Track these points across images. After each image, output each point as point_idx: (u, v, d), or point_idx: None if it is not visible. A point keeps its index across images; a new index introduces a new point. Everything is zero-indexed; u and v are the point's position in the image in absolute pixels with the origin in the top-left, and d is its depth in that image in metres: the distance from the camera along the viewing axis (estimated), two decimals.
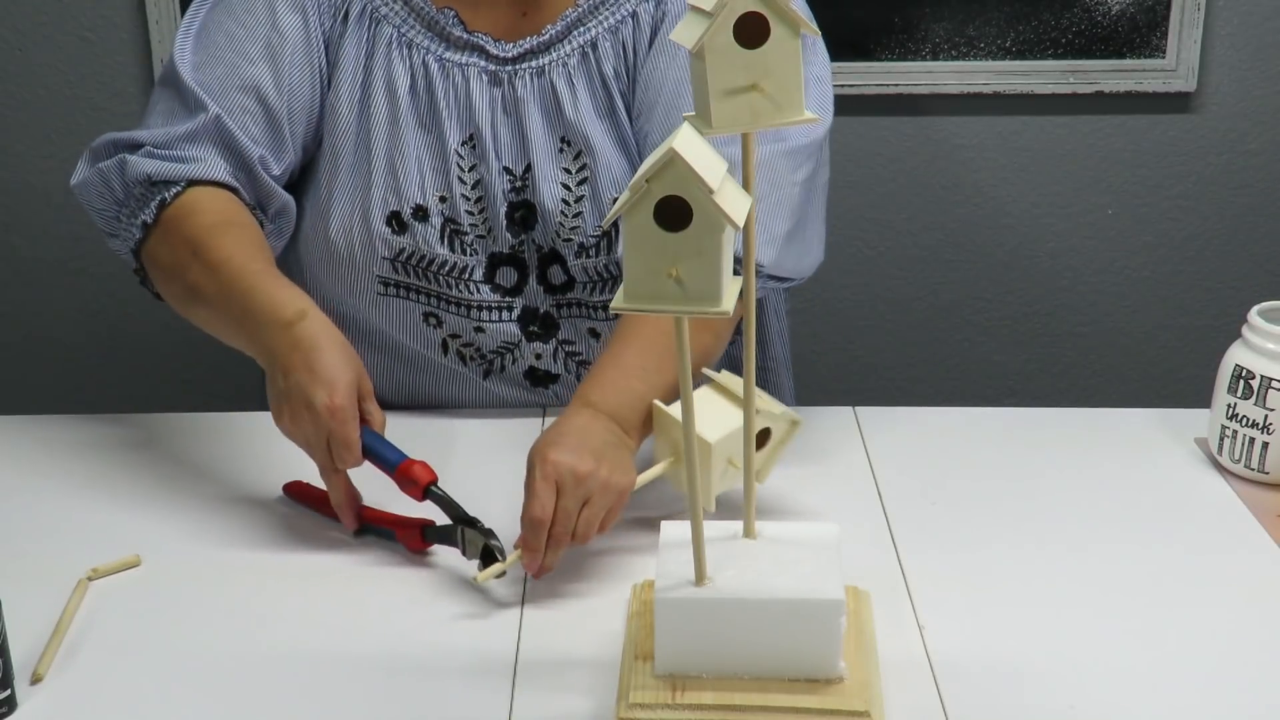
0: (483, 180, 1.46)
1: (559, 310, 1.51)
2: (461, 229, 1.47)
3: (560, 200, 1.46)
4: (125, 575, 1.25)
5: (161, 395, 2.34)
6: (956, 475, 1.40)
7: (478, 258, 1.48)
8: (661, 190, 0.92)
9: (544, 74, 1.46)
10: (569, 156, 1.46)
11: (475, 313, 1.49)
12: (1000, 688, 1.10)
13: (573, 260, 1.47)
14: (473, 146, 1.46)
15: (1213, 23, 2.14)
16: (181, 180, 1.41)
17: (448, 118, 1.46)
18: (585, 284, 1.49)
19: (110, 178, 1.42)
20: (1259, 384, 1.35)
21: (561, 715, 1.07)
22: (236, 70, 1.44)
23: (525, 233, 1.48)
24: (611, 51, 1.46)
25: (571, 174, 1.46)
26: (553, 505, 1.19)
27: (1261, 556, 1.27)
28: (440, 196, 1.46)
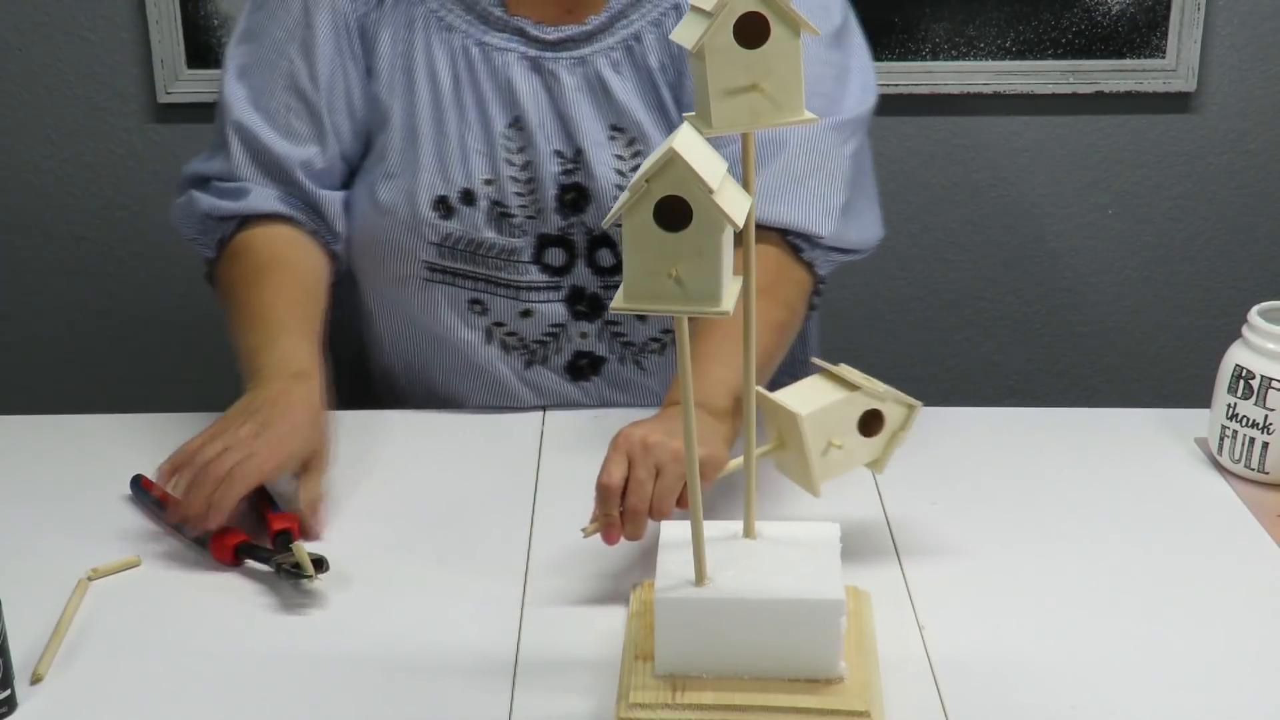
0: (532, 162, 1.47)
1: (606, 292, 1.51)
2: (509, 211, 1.47)
3: (614, 185, 1.47)
4: (125, 575, 1.25)
5: (162, 395, 2.34)
6: (956, 475, 1.40)
7: (526, 239, 1.48)
8: (661, 190, 0.92)
9: (586, 63, 1.47)
10: (621, 144, 1.47)
11: (524, 294, 1.50)
12: (1000, 688, 1.10)
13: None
14: (519, 129, 1.47)
15: (1213, 23, 2.14)
16: (235, 217, 1.47)
17: (492, 101, 1.47)
18: None
19: (183, 213, 1.51)
20: (1259, 384, 1.35)
21: (561, 715, 1.07)
22: (278, 70, 1.47)
23: (575, 215, 1.48)
24: (656, 45, 1.47)
25: (625, 160, 1.47)
26: (621, 474, 1.20)
27: (1261, 556, 1.27)
28: (486, 179, 1.47)
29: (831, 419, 1.18)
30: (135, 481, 1.36)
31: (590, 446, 1.45)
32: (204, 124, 2.17)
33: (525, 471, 1.41)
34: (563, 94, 1.47)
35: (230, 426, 1.30)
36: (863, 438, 1.20)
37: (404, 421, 1.51)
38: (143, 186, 2.23)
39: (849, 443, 1.19)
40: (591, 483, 1.39)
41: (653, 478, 1.20)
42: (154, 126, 2.19)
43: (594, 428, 1.49)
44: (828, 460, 1.19)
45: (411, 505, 1.35)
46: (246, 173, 1.48)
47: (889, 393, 1.20)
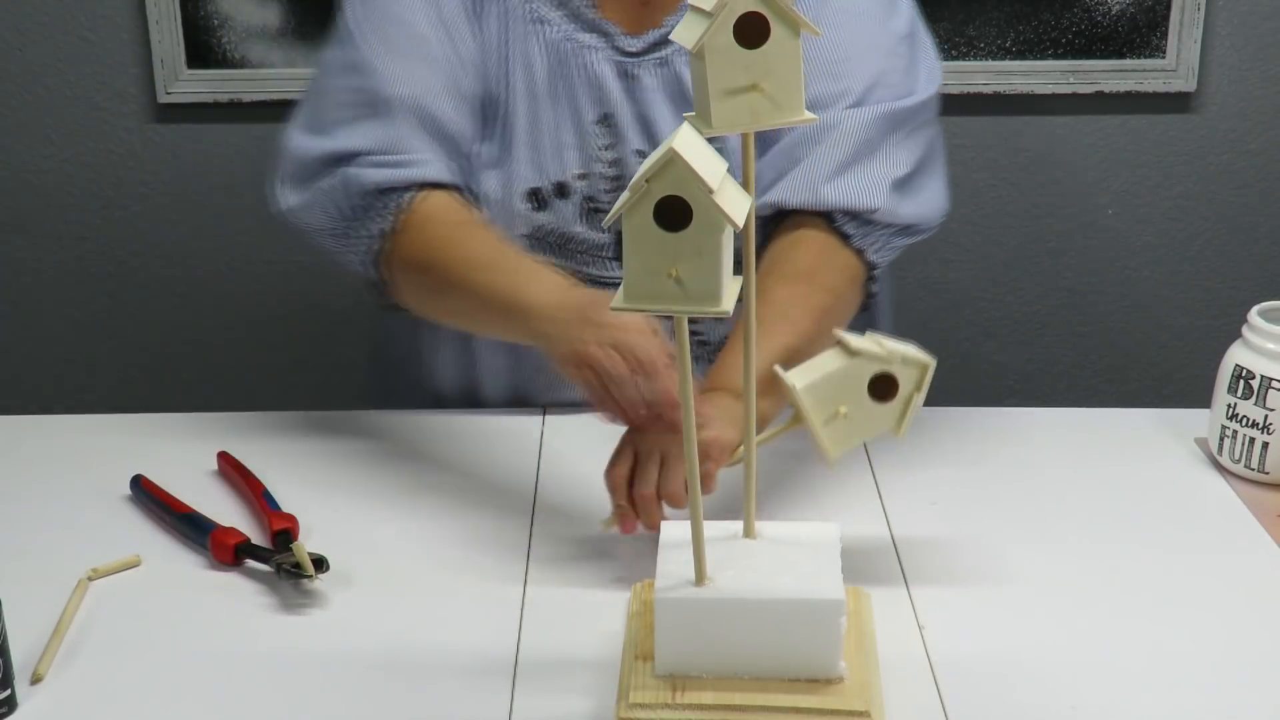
0: (620, 159, 1.48)
1: None
2: (600, 206, 1.48)
3: None
4: (125, 575, 1.25)
5: (162, 395, 2.34)
6: (956, 475, 1.40)
7: (610, 235, 1.49)
8: (661, 190, 0.92)
9: (668, 64, 1.47)
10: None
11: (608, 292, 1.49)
12: (1000, 688, 1.10)
13: None
14: (608, 125, 1.47)
15: (1213, 23, 2.14)
16: (411, 185, 1.41)
17: (583, 96, 1.47)
18: None
19: (334, 195, 1.43)
20: (1259, 384, 1.35)
21: (561, 715, 1.07)
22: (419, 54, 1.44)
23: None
24: None
25: None
26: (625, 466, 1.21)
27: (1261, 556, 1.27)
28: (579, 174, 1.47)
29: (834, 387, 1.13)
30: (135, 481, 1.36)
31: (590, 446, 1.45)
32: (204, 124, 2.18)
33: (525, 471, 1.41)
34: (644, 96, 1.47)
35: (590, 345, 1.21)
36: (877, 404, 1.14)
37: (404, 421, 1.51)
38: (143, 186, 2.23)
39: (859, 410, 1.14)
40: (592, 482, 1.39)
41: (658, 465, 1.20)
42: (154, 126, 2.19)
43: (594, 428, 1.49)
44: (835, 429, 1.14)
45: (412, 505, 1.35)
46: (416, 143, 1.43)
47: (895, 354, 1.14)
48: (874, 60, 1.47)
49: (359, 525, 1.32)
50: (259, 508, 1.31)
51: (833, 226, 1.43)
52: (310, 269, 2.27)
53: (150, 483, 1.34)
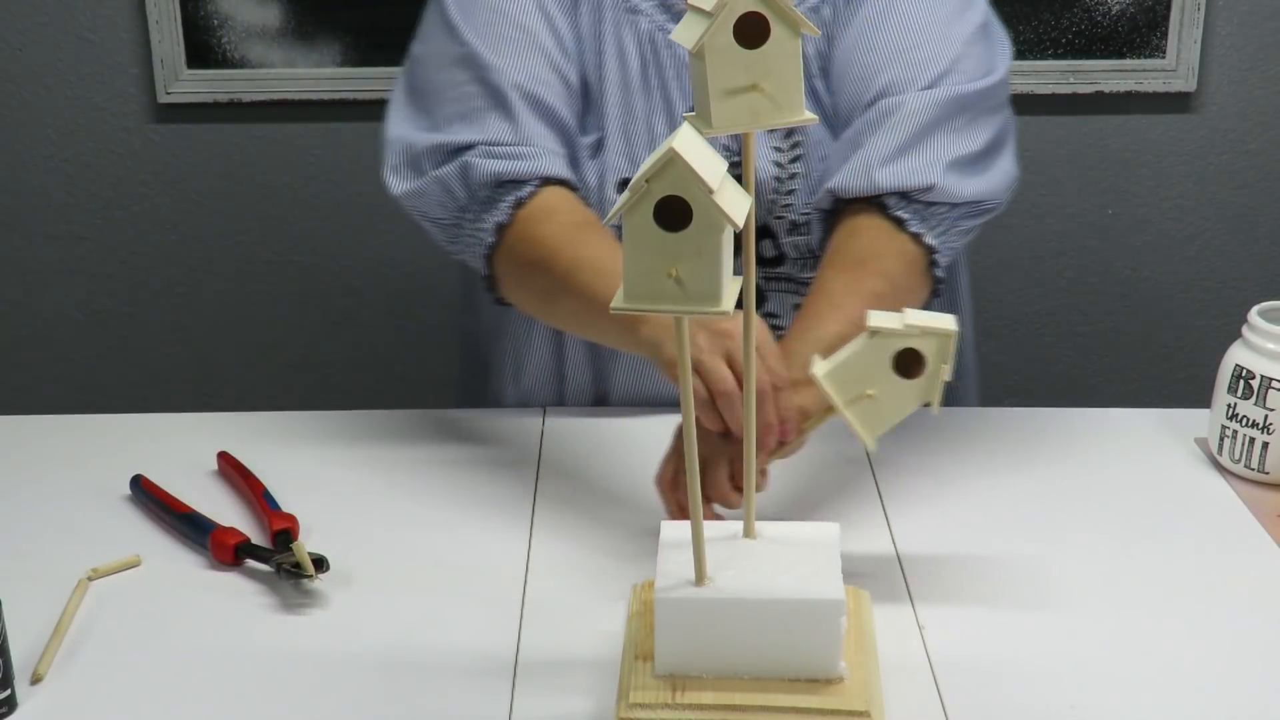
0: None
1: (768, 283, 1.50)
2: None
3: (773, 178, 1.46)
4: (125, 575, 1.25)
5: (162, 395, 2.34)
6: (956, 475, 1.40)
7: None
8: (661, 190, 0.92)
9: None
10: (779, 135, 1.47)
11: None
12: (1000, 688, 1.10)
13: (784, 237, 1.48)
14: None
15: (1213, 23, 2.14)
16: (533, 178, 1.40)
17: (674, 87, 1.47)
18: (796, 260, 1.49)
19: (451, 184, 1.41)
20: (1259, 384, 1.35)
21: (561, 715, 1.07)
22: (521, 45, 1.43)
23: None
24: (824, 34, 1.46)
25: (783, 151, 1.46)
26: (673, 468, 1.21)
27: (1261, 556, 1.27)
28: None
29: (858, 369, 1.12)
30: (135, 481, 1.36)
31: (590, 446, 1.45)
32: (204, 124, 2.18)
33: (525, 471, 1.41)
34: None
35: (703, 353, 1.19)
36: (905, 380, 1.12)
37: (404, 421, 1.51)
38: (143, 186, 2.23)
39: (887, 390, 1.12)
40: (592, 482, 1.39)
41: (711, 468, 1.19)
42: (154, 126, 2.19)
43: (594, 427, 1.49)
44: (864, 412, 1.12)
45: (411, 505, 1.35)
46: (535, 135, 1.42)
47: (915, 327, 1.10)
48: (948, 48, 1.45)
49: (359, 525, 1.32)
50: (259, 508, 1.31)
51: (887, 212, 1.40)
52: (310, 269, 2.27)
53: (150, 483, 1.34)
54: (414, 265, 2.27)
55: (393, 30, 2.11)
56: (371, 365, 2.34)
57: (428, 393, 2.31)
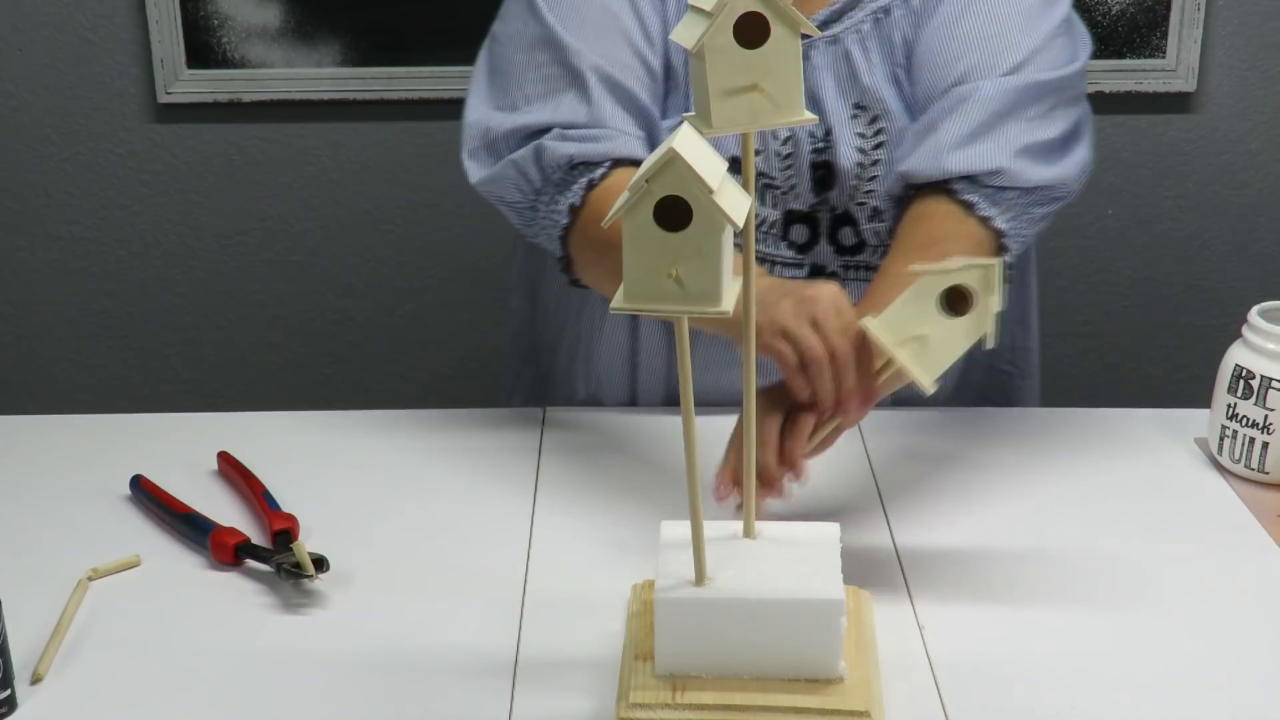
0: (793, 136, 1.47)
1: (845, 271, 1.51)
2: (773, 183, 1.47)
3: (856, 164, 1.47)
4: (125, 575, 1.25)
5: (161, 395, 2.34)
6: (956, 475, 1.40)
7: (777, 213, 1.48)
8: (661, 190, 0.92)
9: (838, 42, 1.47)
10: (863, 122, 1.47)
11: (775, 269, 1.49)
12: (1000, 688, 1.10)
13: (865, 224, 1.49)
14: None
15: (1213, 23, 2.14)
16: (605, 160, 1.39)
17: None
18: (876, 247, 1.50)
19: (526, 167, 1.41)
20: (1259, 384, 1.35)
21: (561, 715, 1.07)
22: (608, 29, 1.43)
23: (824, 192, 1.48)
24: (903, 20, 1.47)
25: (867, 138, 1.47)
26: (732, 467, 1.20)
27: (1261, 556, 1.27)
28: (755, 150, 1.45)
29: (907, 314, 1.13)
30: (135, 481, 1.36)
31: (591, 445, 1.45)
32: (204, 124, 2.18)
33: (525, 471, 1.41)
34: (812, 74, 1.47)
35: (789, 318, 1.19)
36: (955, 318, 1.13)
37: (404, 421, 1.51)
38: (143, 186, 2.23)
39: (939, 330, 1.13)
40: (592, 482, 1.39)
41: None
42: (154, 126, 2.19)
43: (594, 426, 1.49)
44: (919, 355, 1.13)
45: (411, 505, 1.35)
46: (610, 116, 1.41)
47: (952, 263, 1.13)
48: (1029, 38, 1.45)
49: (359, 525, 1.32)
50: (259, 508, 1.31)
51: (956, 196, 1.40)
52: (310, 269, 2.27)
53: (150, 483, 1.34)
54: (414, 265, 2.27)
55: (393, 30, 2.12)
56: (371, 365, 2.34)
57: (428, 393, 2.31)
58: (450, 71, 2.12)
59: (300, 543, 1.22)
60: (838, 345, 1.18)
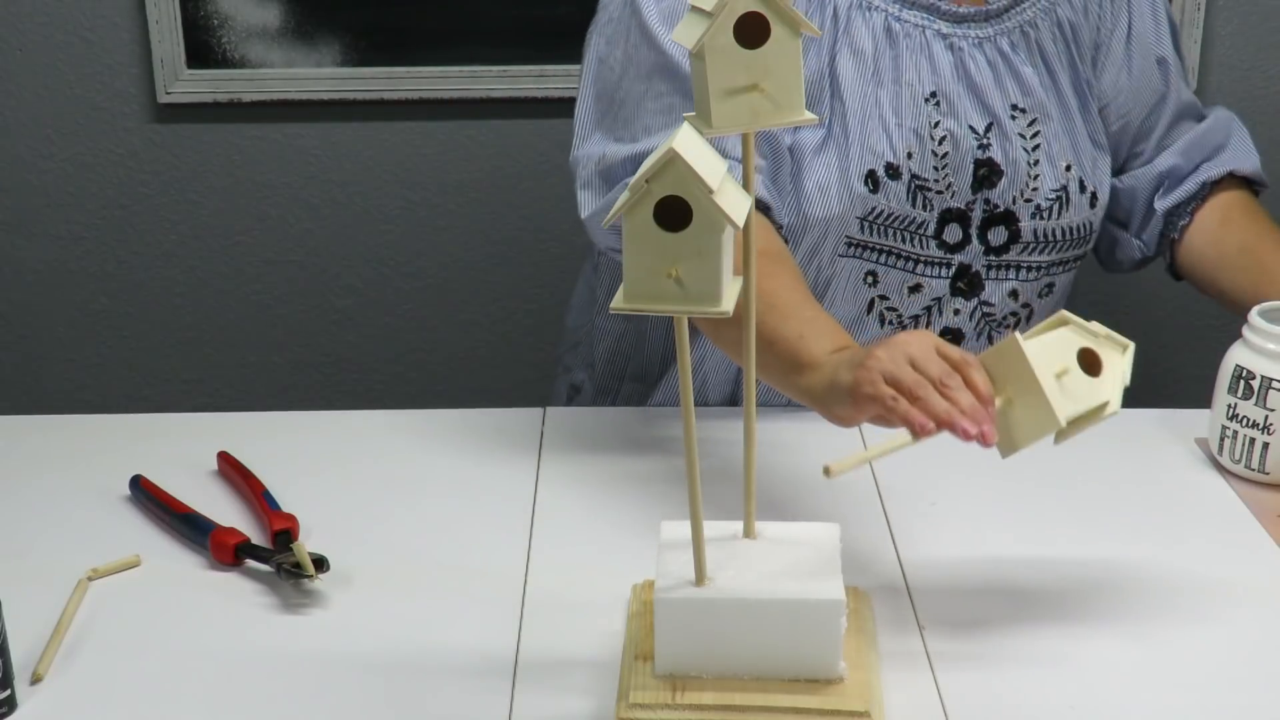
0: (950, 135, 1.48)
1: (988, 271, 1.53)
2: (927, 185, 1.48)
3: (1025, 161, 1.50)
4: (125, 575, 1.25)
5: (161, 395, 2.34)
6: (956, 475, 1.40)
7: (932, 213, 1.49)
8: (661, 190, 0.92)
9: (991, 42, 1.50)
10: (1023, 123, 1.50)
11: (919, 268, 1.50)
12: (1000, 688, 1.10)
13: (1026, 220, 1.51)
14: (937, 103, 1.48)
15: (1213, 23, 2.14)
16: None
17: (912, 74, 1.48)
18: (1029, 244, 1.52)
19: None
20: (1259, 384, 1.35)
21: (561, 715, 1.07)
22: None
23: (984, 191, 1.50)
24: (1048, 32, 1.52)
25: (1025, 139, 1.50)
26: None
27: (1261, 557, 1.28)
28: (908, 153, 1.47)
29: (1051, 350, 1.12)
30: (135, 481, 1.36)
31: (591, 445, 1.45)
32: (204, 124, 2.18)
33: (525, 471, 1.41)
34: (975, 68, 1.49)
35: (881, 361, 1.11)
36: (1088, 377, 1.14)
37: (404, 421, 1.51)
38: (143, 186, 2.23)
39: (1075, 378, 1.13)
40: (592, 482, 1.39)
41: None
42: (154, 126, 2.19)
43: (594, 427, 1.49)
44: (1063, 388, 1.11)
45: (411, 505, 1.35)
46: (734, 146, 1.40)
47: (1101, 330, 1.17)
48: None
49: (359, 525, 1.32)
50: (259, 508, 1.31)
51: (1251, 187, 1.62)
52: (310, 269, 2.27)
53: (150, 483, 1.34)
54: (414, 265, 2.27)
55: (393, 30, 2.12)
56: (372, 365, 2.34)
57: (428, 393, 2.31)
58: (450, 71, 2.12)
59: (300, 543, 1.22)
60: (937, 371, 1.09)
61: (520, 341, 2.31)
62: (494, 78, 2.10)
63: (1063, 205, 1.52)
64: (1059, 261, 1.56)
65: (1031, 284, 1.56)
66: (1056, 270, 1.57)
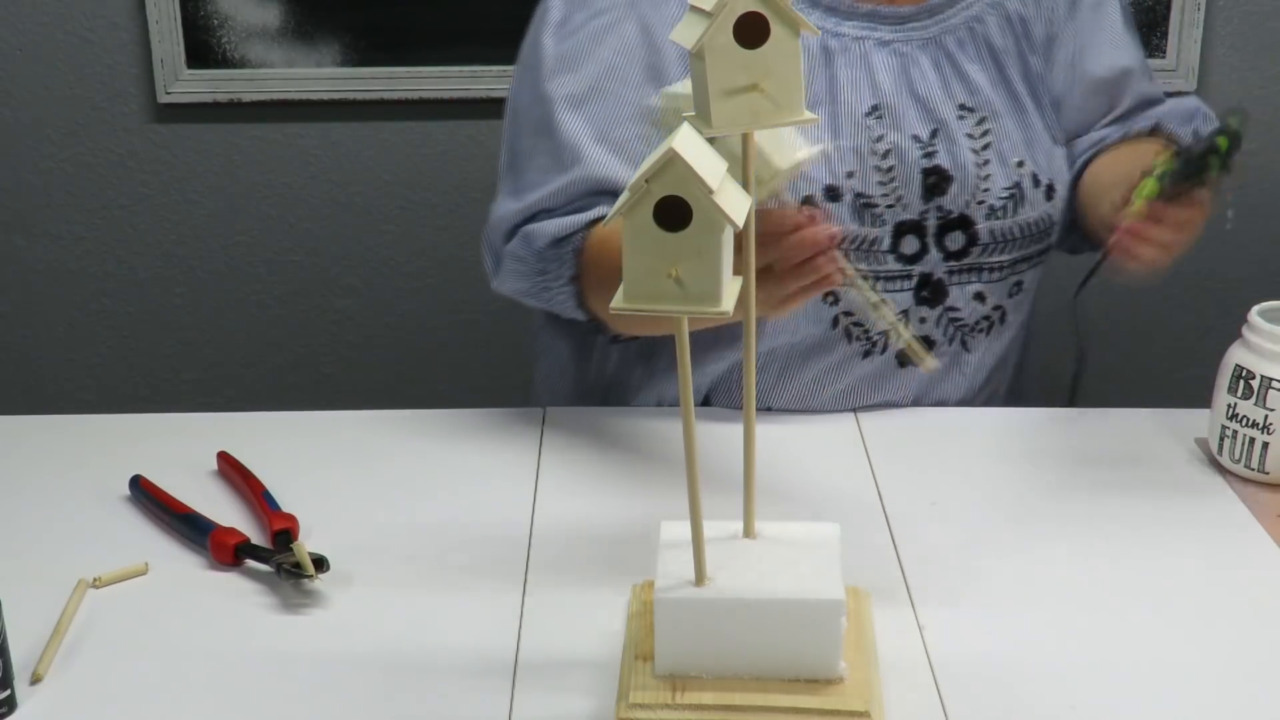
0: (894, 149, 1.46)
1: (951, 276, 1.51)
2: (872, 201, 1.46)
3: (975, 164, 1.48)
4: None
5: (162, 395, 2.34)
6: (956, 475, 1.40)
7: (885, 228, 1.47)
8: (661, 190, 0.92)
9: (937, 42, 1.48)
10: (970, 122, 1.48)
11: (881, 283, 1.49)
12: (1000, 688, 1.10)
13: (982, 222, 1.49)
14: (879, 116, 1.46)
15: (1213, 23, 2.14)
16: (586, 225, 1.41)
17: (851, 91, 1.47)
18: (987, 245, 1.51)
19: (521, 255, 1.44)
20: (1259, 384, 1.35)
21: (561, 715, 1.07)
22: (624, 100, 1.43)
23: (935, 198, 1.48)
24: (996, 27, 1.50)
25: (975, 139, 1.48)
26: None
27: (1262, 557, 1.27)
28: (848, 172, 1.45)
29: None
30: (135, 482, 1.36)
31: (591, 445, 1.45)
32: (204, 124, 2.18)
33: (525, 471, 1.41)
34: (918, 74, 1.47)
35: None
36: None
37: (404, 421, 1.51)
38: (143, 186, 2.23)
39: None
40: (592, 481, 1.39)
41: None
42: (154, 126, 2.19)
43: (594, 427, 1.49)
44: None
45: (411, 505, 1.35)
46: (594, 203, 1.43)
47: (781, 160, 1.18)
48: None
49: (359, 525, 1.32)
50: (259, 508, 1.31)
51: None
52: (310, 269, 2.27)
53: (150, 483, 1.34)
54: (414, 265, 2.27)
55: (393, 30, 2.12)
56: (371, 365, 2.34)
57: (428, 393, 2.31)
58: (450, 71, 2.12)
59: (300, 543, 1.22)
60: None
61: (520, 342, 2.31)
62: (494, 78, 2.10)
63: (1017, 202, 1.50)
64: (1023, 258, 1.55)
65: (998, 285, 1.54)
66: (1022, 268, 1.56)
